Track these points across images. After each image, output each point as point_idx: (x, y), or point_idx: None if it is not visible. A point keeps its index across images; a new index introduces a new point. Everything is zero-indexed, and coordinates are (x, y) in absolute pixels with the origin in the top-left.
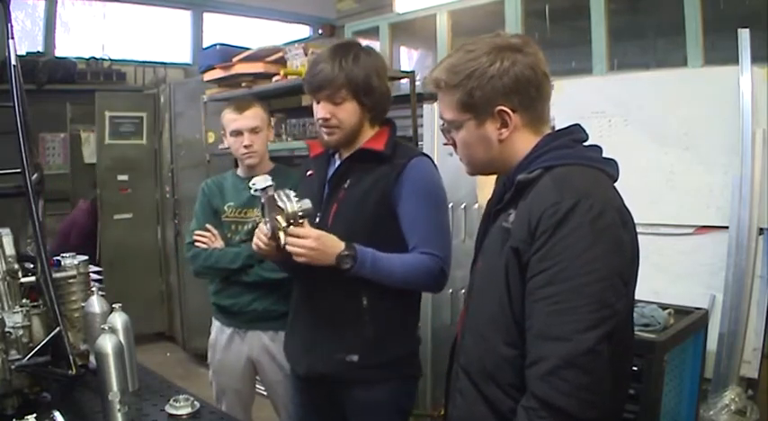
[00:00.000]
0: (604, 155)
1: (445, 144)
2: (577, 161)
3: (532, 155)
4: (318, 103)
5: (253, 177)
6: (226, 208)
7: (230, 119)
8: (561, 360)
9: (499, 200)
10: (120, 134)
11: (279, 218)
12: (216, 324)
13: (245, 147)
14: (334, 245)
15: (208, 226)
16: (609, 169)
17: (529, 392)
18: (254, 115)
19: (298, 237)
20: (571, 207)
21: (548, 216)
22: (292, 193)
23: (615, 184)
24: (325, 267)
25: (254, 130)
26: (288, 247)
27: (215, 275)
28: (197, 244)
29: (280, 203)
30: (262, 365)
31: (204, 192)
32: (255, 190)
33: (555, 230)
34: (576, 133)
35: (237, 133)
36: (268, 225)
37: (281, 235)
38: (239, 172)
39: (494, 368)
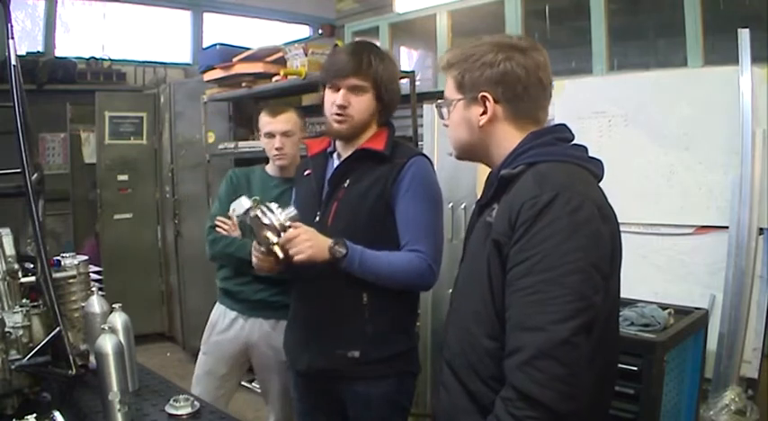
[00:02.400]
0: (603, 155)
1: (445, 125)
2: (560, 158)
3: (516, 151)
4: (338, 90)
5: (282, 177)
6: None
7: (265, 121)
8: (537, 350)
9: (485, 196)
10: (120, 134)
11: (269, 234)
12: (220, 307)
13: (276, 149)
14: (324, 238)
15: (230, 214)
16: (593, 167)
17: (507, 383)
18: (287, 120)
19: (292, 239)
20: (550, 200)
21: (527, 208)
22: (274, 205)
23: (613, 183)
24: (322, 263)
25: (285, 134)
26: (290, 250)
27: (231, 263)
28: (218, 229)
29: (265, 220)
30: (258, 350)
31: (231, 180)
32: (237, 215)
33: (533, 222)
34: (560, 132)
35: (270, 135)
36: (262, 245)
37: (277, 249)
38: (268, 169)
39: (476, 361)
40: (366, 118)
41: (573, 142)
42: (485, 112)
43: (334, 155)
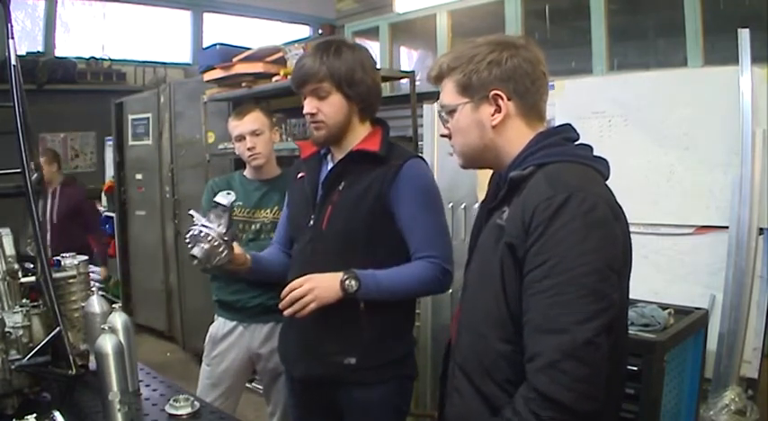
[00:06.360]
0: (603, 155)
1: (442, 135)
2: (569, 158)
3: (524, 153)
4: (305, 99)
5: (261, 179)
6: (234, 207)
7: (233, 125)
8: (560, 352)
9: (493, 198)
10: (137, 135)
11: (215, 245)
12: (219, 320)
13: (249, 149)
14: (330, 278)
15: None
16: (600, 167)
17: (528, 385)
18: (254, 119)
19: (294, 296)
20: (563, 201)
21: (541, 210)
22: (202, 219)
23: (613, 183)
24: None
25: (254, 133)
26: (290, 306)
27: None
28: None
29: (208, 238)
30: (262, 357)
31: (212, 189)
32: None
33: (548, 224)
34: (566, 132)
35: (240, 138)
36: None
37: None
38: (247, 173)
39: (490, 364)
40: (341, 119)
41: (578, 142)
42: (497, 111)
43: (328, 157)
